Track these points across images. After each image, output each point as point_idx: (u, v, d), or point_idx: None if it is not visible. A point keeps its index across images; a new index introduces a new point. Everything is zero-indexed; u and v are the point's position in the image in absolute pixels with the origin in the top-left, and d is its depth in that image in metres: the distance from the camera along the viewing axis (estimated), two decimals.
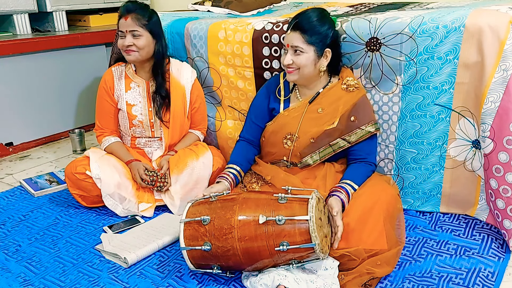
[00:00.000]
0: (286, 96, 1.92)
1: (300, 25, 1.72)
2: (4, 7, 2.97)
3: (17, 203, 2.24)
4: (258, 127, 1.97)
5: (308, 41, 1.72)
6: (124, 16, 2.02)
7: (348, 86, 1.81)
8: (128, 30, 2.01)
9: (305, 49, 1.72)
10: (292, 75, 1.79)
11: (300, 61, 1.74)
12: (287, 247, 1.43)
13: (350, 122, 1.79)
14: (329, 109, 1.81)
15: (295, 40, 1.73)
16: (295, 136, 1.84)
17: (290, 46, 1.74)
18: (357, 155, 1.81)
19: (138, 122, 2.16)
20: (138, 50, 2.04)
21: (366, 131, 1.79)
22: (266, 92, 1.98)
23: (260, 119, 1.96)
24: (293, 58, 1.74)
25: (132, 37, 2.02)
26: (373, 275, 1.51)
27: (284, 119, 1.87)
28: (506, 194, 1.69)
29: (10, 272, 1.71)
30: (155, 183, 2.06)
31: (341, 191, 1.63)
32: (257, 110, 1.98)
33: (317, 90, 1.85)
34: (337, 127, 1.79)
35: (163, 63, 2.13)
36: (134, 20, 2.01)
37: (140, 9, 2.04)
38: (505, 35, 1.65)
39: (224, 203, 1.55)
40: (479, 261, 1.66)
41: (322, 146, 1.82)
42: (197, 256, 1.53)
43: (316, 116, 1.82)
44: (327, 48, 1.75)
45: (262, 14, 2.82)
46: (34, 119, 3.03)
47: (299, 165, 1.87)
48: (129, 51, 2.04)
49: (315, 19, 1.73)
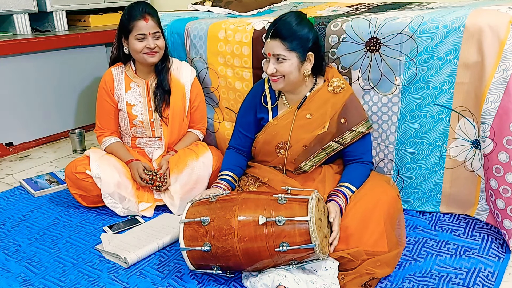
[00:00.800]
0: (273, 104, 1.88)
1: (280, 32, 1.67)
2: (4, 7, 2.97)
3: (17, 203, 2.24)
4: (247, 138, 1.94)
5: (290, 47, 1.67)
6: (144, 18, 2.00)
7: (335, 88, 1.78)
8: (151, 32, 2.01)
9: (287, 56, 1.68)
10: (277, 84, 1.75)
11: (283, 68, 1.69)
12: (287, 248, 1.42)
13: (341, 125, 1.76)
14: (318, 114, 1.78)
15: (276, 48, 1.68)
16: (288, 145, 1.81)
17: (272, 55, 1.70)
18: (352, 155, 1.81)
19: (139, 122, 2.16)
20: (159, 51, 2.06)
21: (357, 132, 1.77)
22: (252, 101, 1.93)
23: (248, 130, 1.93)
24: (276, 67, 1.70)
25: (154, 39, 2.03)
26: (373, 275, 1.51)
27: (274, 128, 1.84)
28: (506, 194, 1.69)
29: (10, 272, 1.71)
30: (154, 182, 2.06)
31: (338, 195, 1.63)
32: (245, 121, 1.94)
33: (304, 94, 1.82)
34: (328, 130, 1.77)
35: (167, 61, 2.15)
36: (154, 21, 2.02)
37: (154, 9, 2.07)
38: (505, 35, 1.65)
39: (224, 204, 1.55)
40: (479, 261, 1.65)
41: (315, 151, 1.80)
42: (197, 257, 1.53)
43: (306, 122, 1.80)
44: (309, 52, 1.71)
45: (262, 14, 2.82)
46: (34, 119, 3.03)
47: (295, 172, 1.86)
48: (153, 53, 2.04)
49: (293, 24, 1.68)
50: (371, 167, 1.83)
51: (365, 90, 1.94)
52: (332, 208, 1.57)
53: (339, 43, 1.92)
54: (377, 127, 1.98)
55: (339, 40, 1.92)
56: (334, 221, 1.54)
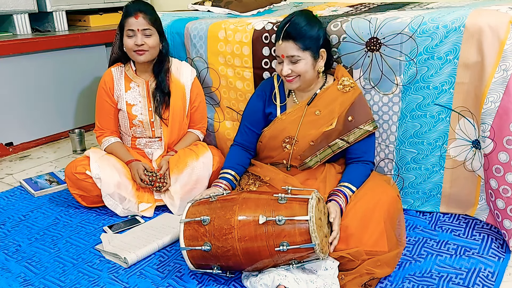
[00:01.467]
0: (282, 102, 1.89)
1: (291, 33, 1.68)
2: (4, 7, 2.97)
3: (17, 203, 2.24)
4: (253, 133, 1.94)
5: (303, 47, 1.69)
6: (135, 15, 2.00)
7: (344, 87, 1.80)
8: (140, 29, 2.00)
9: (302, 56, 1.70)
10: (293, 83, 1.76)
11: (299, 68, 1.71)
12: (287, 247, 1.43)
13: (348, 122, 1.78)
14: (326, 111, 1.80)
15: (289, 49, 1.69)
16: (295, 140, 1.83)
17: (285, 57, 1.71)
18: (354, 154, 1.81)
19: (139, 122, 2.16)
20: (149, 50, 2.04)
21: (364, 130, 1.79)
22: (261, 96, 1.94)
23: (256, 125, 1.94)
24: (292, 68, 1.72)
25: (144, 36, 2.01)
26: (373, 275, 1.51)
27: (282, 123, 1.86)
28: (506, 194, 1.69)
29: (10, 272, 1.71)
30: (154, 183, 2.06)
31: (339, 195, 1.64)
32: (252, 116, 1.95)
33: (315, 91, 1.83)
34: (336, 127, 1.78)
35: (165, 62, 2.14)
36: (145, 19, 2.00)
37: (149, 8, 2.05)
38: (505, 35, 1.65)
39: (224, 203, 1.55)
40: (479, 261, 1.65)
41: (321, 147, 1.82)
42: (197, 256, 1.52)
43: (314, 118, 1.81)
44: (321, 49, 1.75)
45: (262, 14, 2.82)
46: (34, 119, 3.03)
47: (299, 168, 1.86)
48: (141, 51, 2.03)
49: (303, 24, 1.69)
50: (371, 167, 1.83)
51: (366, 90, 1.94)
52: (332, 208, 1.57)
53: (339, 43, 1.92)
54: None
55: (339, 40, 1.92)
56: (334, 221, 1.54)
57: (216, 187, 1.80)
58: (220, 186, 1.80)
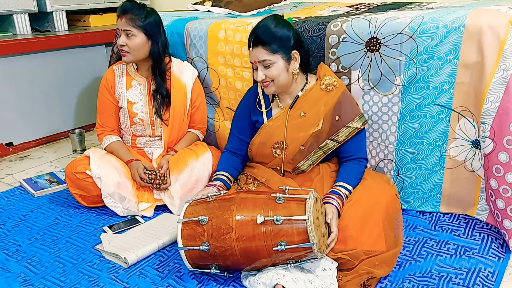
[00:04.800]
0: (267, 108, 1.89)
1: (259, 38, 1.70)
2: (4, 7, 2.97)
3: (17, 203, 2.24)
4: (242, 141, 1.96)
5: (272, 51, 1.69)
6: (120, 16, 2.02)
7: (327, 86, 1.80)
8: (122, 29, 2.02)
9: (273, 59, 1.70)
10: (269, 88, 1.77)
11: (272, 73, 1.72)
12: (285, 247, 1.43)
13: (335, 122, 1.78)
14: (311, 112, 1.80)
15: (260, 55, 1.70)
16: (284, 145, 1.82)
17: (257, 62, 1.72)
18: (346, 152, 1.81)
19: (139, 120, 2.16)
20: (130, 51, 2.04)
21: (353, 128, 1.78)
22: (246, 106, 1.96)
23: (244, 133, 1.95)
24: (265, 73, 1.73)
25: (126, 37, 2.02)
26: (371, 275, 1.51)
27: (269, 130, 1.86)
28: (506, 194, 1.69)
29: (10, 272, 1.71)
30: (154, 181, 2.06)
31: (333, 197, 1.63)
32: (240, 125, 1.97)
33: (296, 93, 1.84)
34: (323, 128, 1.78)
35: (162, 63, 2.13)
36: (128, 20, 2.01)
37: (137, 9, 2.03)
38: (505, 35, 1.65)
39: (222, 203, 1.55)
40: (479, 261, 1.65)
41: (312, 150, 1.81)
42: (195, 256, 1.52)
43: (300, 120, 1.81)
44: (293, 51, 1.73)
45: (262, 14, 2.82)
46: (34, 119, 3.03)
47: (293, 173, 1.86)
48: (122, 51, 2.05)
49: (271, 26, 1.70)
50: (365, 164, 1.83)
51: (365, 90, 1.94)
52: (329, 209, 1.57)
53: (339, 43, 1.92)
54: (377, 127, 1.98)
55: (339, 40, 1.92)
56: (331, 222, 1.54)
57: (210, 187, 1.80)
58: (214, 185, 1.81)
